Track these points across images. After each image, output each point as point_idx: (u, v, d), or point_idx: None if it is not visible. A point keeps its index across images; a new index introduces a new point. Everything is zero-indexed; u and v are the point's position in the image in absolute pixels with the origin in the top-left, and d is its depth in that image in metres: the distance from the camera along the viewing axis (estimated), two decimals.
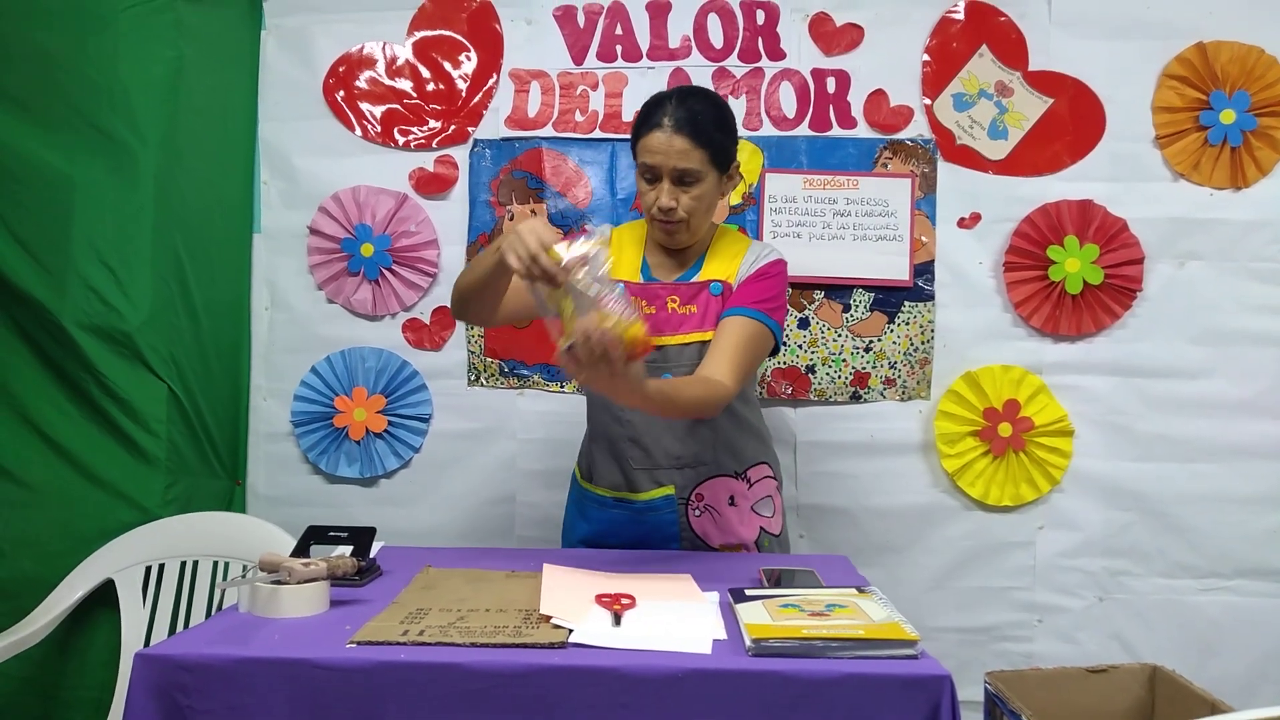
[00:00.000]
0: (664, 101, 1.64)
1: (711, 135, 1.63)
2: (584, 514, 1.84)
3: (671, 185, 1.63)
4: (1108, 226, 2.22)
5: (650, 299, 1.71)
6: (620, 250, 1.77)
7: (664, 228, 1.68)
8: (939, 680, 1.08)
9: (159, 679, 1.10)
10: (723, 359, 1.60)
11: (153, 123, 2.20)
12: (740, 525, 1.75)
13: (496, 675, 1.09)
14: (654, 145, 1.62)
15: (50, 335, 2.17)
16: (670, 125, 1.60)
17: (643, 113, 1.67)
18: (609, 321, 1.25)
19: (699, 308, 1.69)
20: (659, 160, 1.62)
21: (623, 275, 1.71)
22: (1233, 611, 2.25)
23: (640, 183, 1.68)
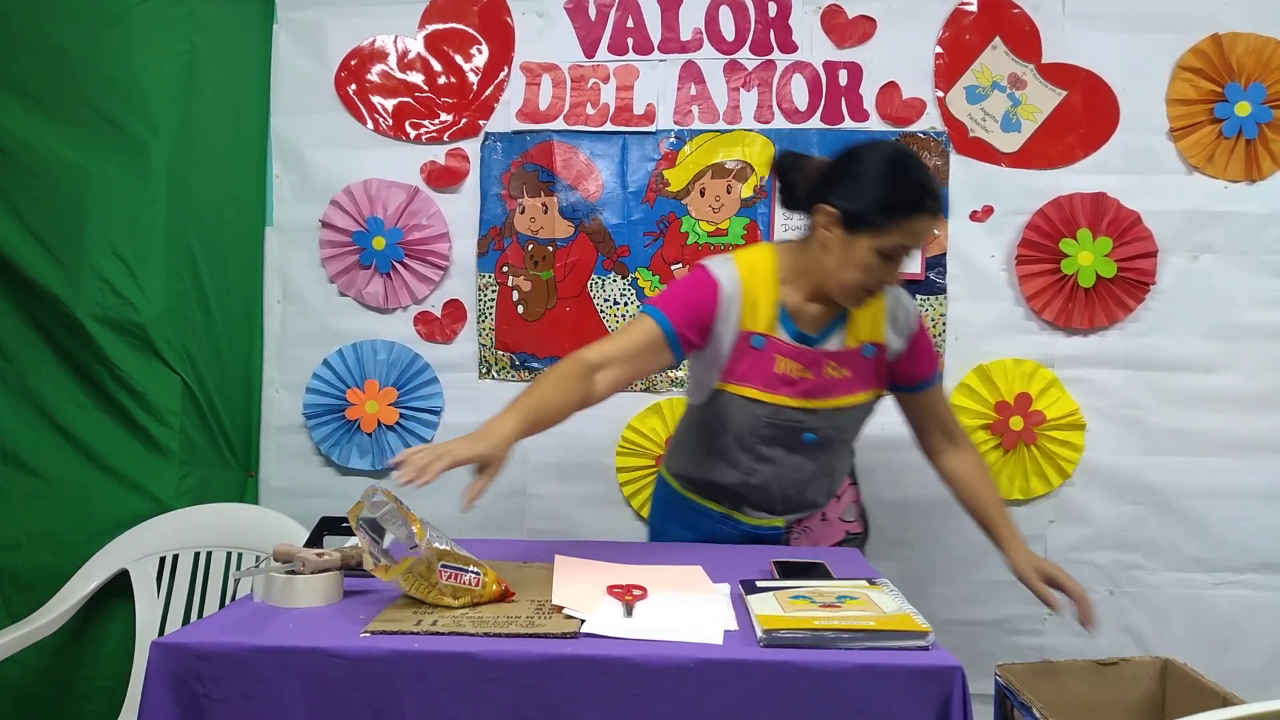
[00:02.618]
0: (926, 183, 1.53)
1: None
2: (684, 520, 1.79)
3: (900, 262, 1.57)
4: (1121, 219, 2.21)
5: (808, 364, 1.62)
6: (756, 292, 1.61)
7: (864, 296, 1.59)
8: (950, 671, 1.08)
9: (175, 668, 1.10)
10: (959, 426, 1.81)
11: (166, 117, 2.21)
12: (827, 537, 1.81)
13: (509, 665, 1.09)
14: (921, 229, 1.53)
15: (65, 328, 2.19)
16: (935, 209, 1.53)
17: (901, 190, 1.51)
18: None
19: (852, 371, 1.65)
20: (916, 243, 1.54)
21: (761, 328, 1.60)
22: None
23: (870, 256, 1.52)
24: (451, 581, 1.24)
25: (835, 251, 1.55)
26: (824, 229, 1.56)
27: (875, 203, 1.51)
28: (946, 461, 1.80)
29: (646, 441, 2.31)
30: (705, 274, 1.61)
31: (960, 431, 1.81)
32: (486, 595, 1.27)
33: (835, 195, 1.54)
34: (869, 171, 1.53)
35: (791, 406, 1.62)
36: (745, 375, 1.62)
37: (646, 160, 2.32)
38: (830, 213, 1.54)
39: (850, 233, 1.53)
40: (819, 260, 1.58)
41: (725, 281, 1.60)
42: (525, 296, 2.35)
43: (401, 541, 1.25)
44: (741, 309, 1.61)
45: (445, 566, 1.24)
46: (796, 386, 1.62)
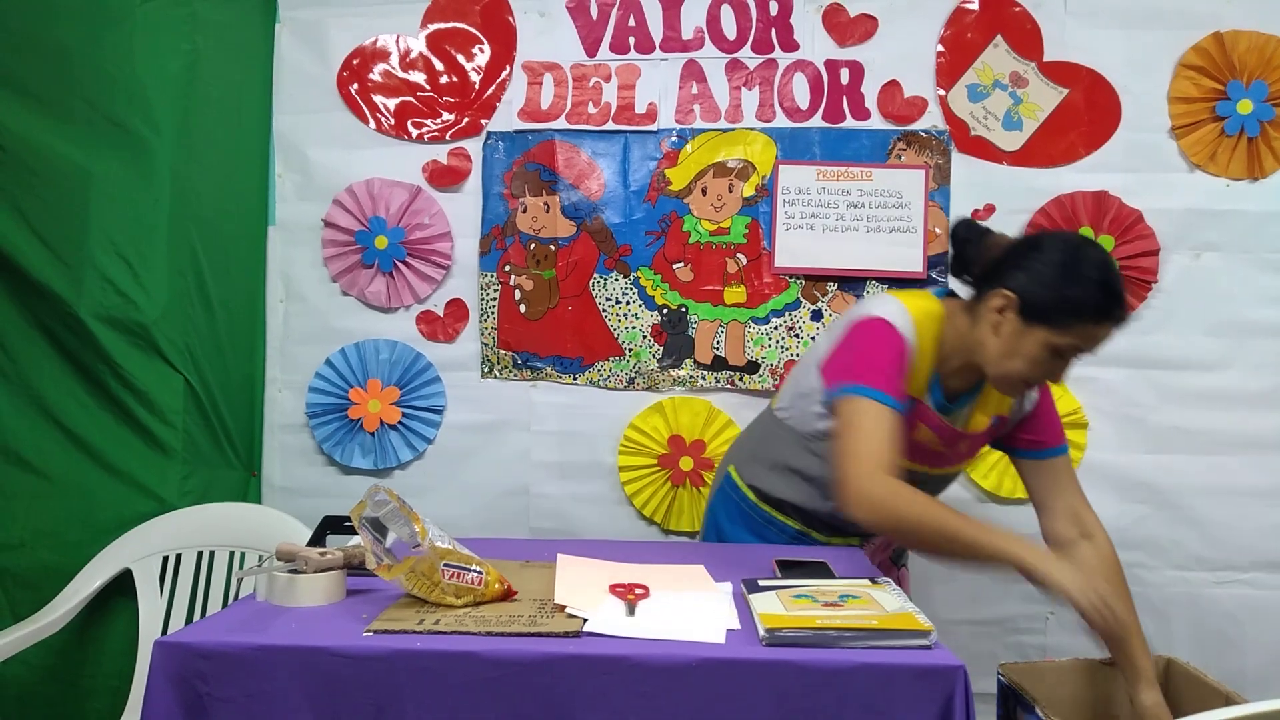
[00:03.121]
0: (1118, 290, 1.45)
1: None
2: (753, 529, 1.75)
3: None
4: (1123, 218, 2.21)
5: (946, 441, 1.60)
6: (923, 355, 1.54)
7: (1022, 388, 1.55)
8: (953, 670, 1.07)
9: (178, 667, 1.11)
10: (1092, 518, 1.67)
11: (168, 116, 2.22)
12: (883, 550, 1.81)
13: (511, 664, 1.09)
14: (1101, 336, 1.46)
15: (67, 327, 2.19)
16: (1120, 319, 1.47)
17: (1091, 291, 1.43)
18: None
19: (975, 444, 1.65)
20: (1091, 349, 1.48)
21: (914, 391, 1.54)
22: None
23: (1042, 350, 1.45)
24: (454, 581, 1.24)
25: (1004, 338, 1.48)
26: (997, 312, 1.48)
27: (1060, 298, 1.43)
28: (1074, 554, 1.64)
29: (649, 440, 2.31)
30: (894, 333, 1.50)
31: (1093, 520, 1.66)
32: (489, 594, 1.27)
33: (1017, 281, 1.46)
34: (1059, 264, 1.45)
35: (914, 470, 1.59)
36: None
37: (648, 159, 2.32)
38: (1008, 297, 1.46)
39: (1025, 323, 1.46)
40: (983, 341, 1.51)
41: (909, 341, 1.52)
42: (527, 295, 2.35)
43: (404, 540, 1.25)
44: (911, 373, 1.54)
45: (448, 566, 1.24)
46: (927, 455, 1.60)
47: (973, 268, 1.58)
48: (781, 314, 2.29)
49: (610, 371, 2.34)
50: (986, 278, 1.53)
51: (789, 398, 1.70)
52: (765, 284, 2.29)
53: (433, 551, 1.23)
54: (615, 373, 2.34)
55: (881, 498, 1.39)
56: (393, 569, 1.24)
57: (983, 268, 1.55)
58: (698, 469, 2.30)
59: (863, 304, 1.60)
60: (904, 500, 1.38)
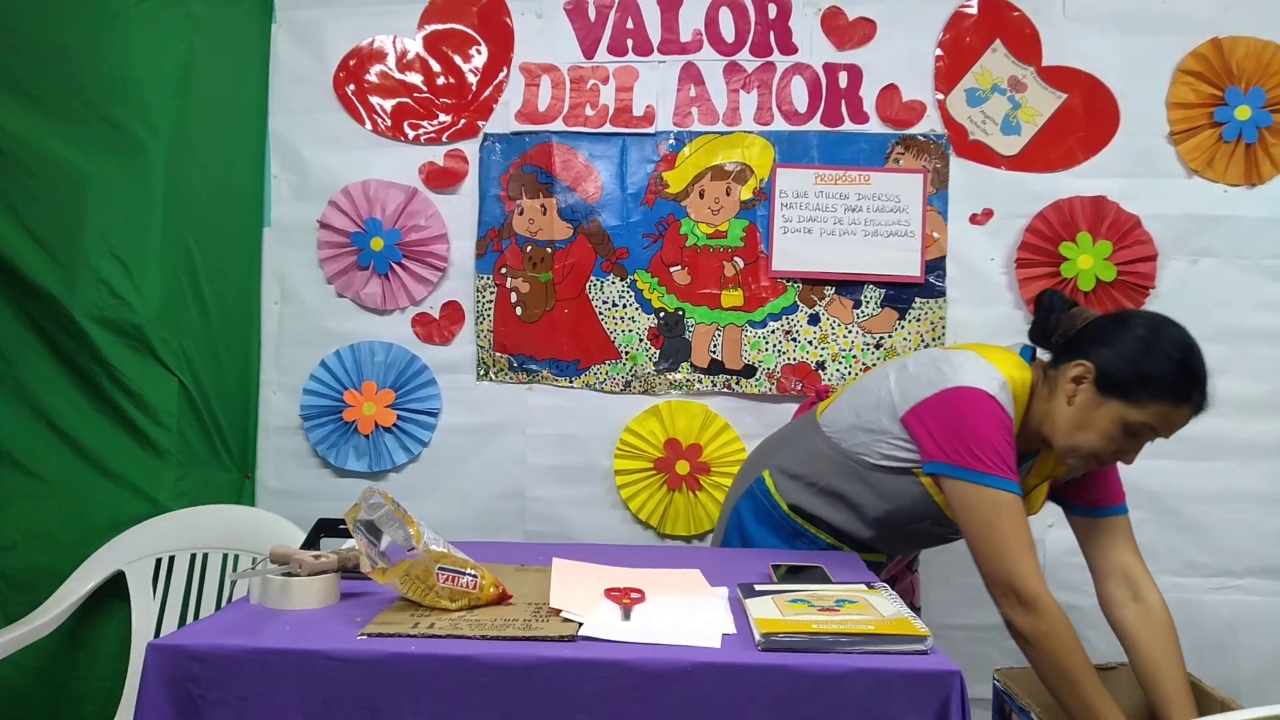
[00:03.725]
0: (1201, 376, 1.45)
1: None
2: (782, 536, 1.73)
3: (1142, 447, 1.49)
4: (1121, 223, 2.21)
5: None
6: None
7: (1091, 463, 1.53)
8: (949, 675, 1.07)
9: (171, 669, 1.10)
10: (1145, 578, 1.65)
11: (164, 116, 2.21)
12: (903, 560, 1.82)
13: (506, 668, 1.08)
14: (1177, 420, 1.45)
15: (61, 328, 2.18)
16: (1199, 404, 1.45)
17: (1179, 373, 1.43)
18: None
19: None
20: (1165, 433, 1.46)
21: None
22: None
23: (1114, 426, 1.45)
24: (449, 584, 1.23)
25: (1077, 409, 1.48)
26: (1073, 382, 1.48)
27: (1139, 372, 1.43)
28: (1125, 616, 1.62)
29: (645, 444, 2.31)
30: (1000, 411, 1.48)
31: (1148, 583, 1.63)
32: (484, 598, 1.26)
33: (1098, 353, 1.47)
34: (1142, 339, 1.45)
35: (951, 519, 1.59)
36: None
37: (645, 162, 2.31)
38: (1087, 368, 1.46)
39: (1101, 395, 1.45)
40: (1055, 412, 1.51)
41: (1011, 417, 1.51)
42: (524, 298, 2.35)
43: (399, 544, 1.24)
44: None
45: (442, 569, 1.23)
46: None
47: (1054, 336, 1.57)
48: (779, 318, 2.29)
49: (606, 374, 2.34)
50: (1068, 348, 1.53)
51: (846, 427, 1.66)
52: (762, 287, 2.29)
53: (427, 555, 1.22)
54: (612, 376, 2.33)
55: (1046, 630, 1.44)
56: (387, 572, 1.23)
57: (1064, 336, 1.55)
58: (694, 473, 2.30)
59: (955, 363, 1.55)
60: (1060, 640, 1.43)
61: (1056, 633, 1.43)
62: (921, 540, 1.77)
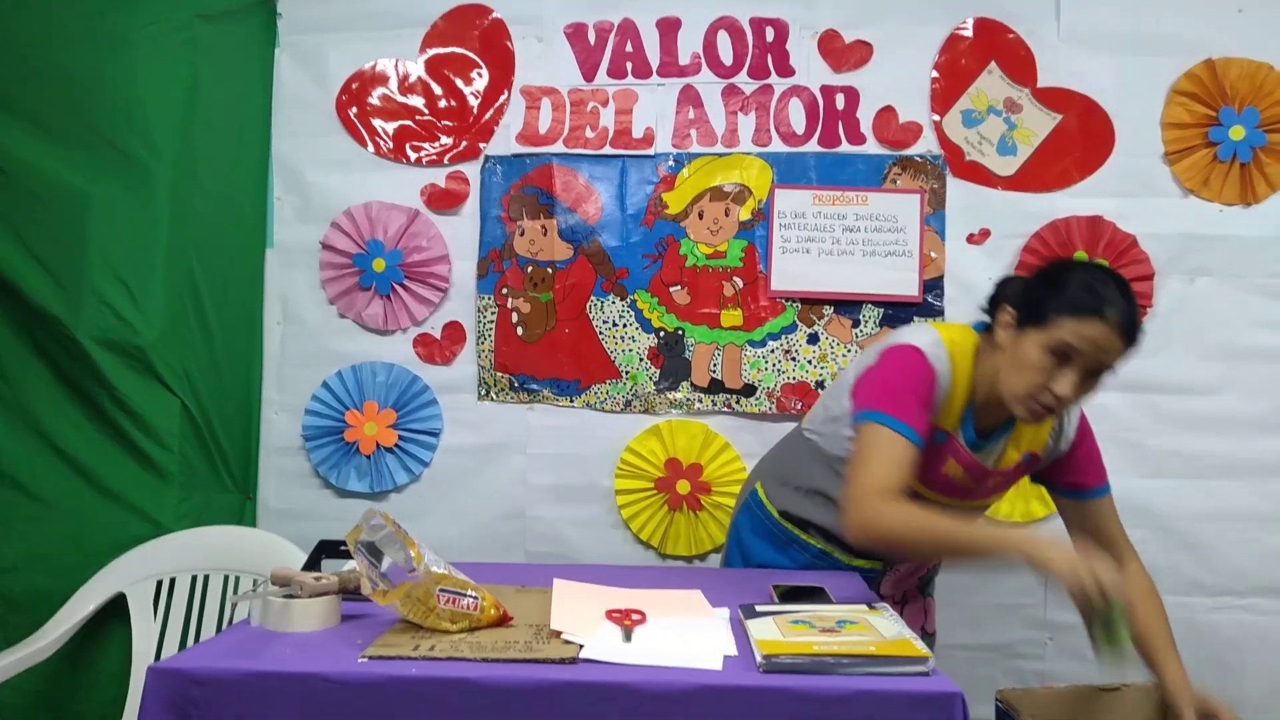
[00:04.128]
0: (1108, 287, 1.41)
1: (1137, 339, 1.44)
2: (777, 546, 1.75)
3: (1080, 376, 1.42)
4: (1117, 242, 2.22)
5: (975, 477, 1.59)
6: (957, 387, 1.54)
7: (1034, 410, 1.45)
8: (950, 697, 1.07)
9: (171, 692, 1.10)
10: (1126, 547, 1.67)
11: (168, 140, 2.23)
12: (911, 576, 1.79)
13: (507, 690, 1.08)
14: (1091, 335, 1.39)
15: (65, 349, 2.19)
16: (1116, 324, 1.39)
17: (1079, 289, 1.41)
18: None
19: (1005, 480, 1.65)
20: (1088, 350, 1.40)
21: (947, 424, 1.55)
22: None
23: (1036, 352, 1.42)
24: (449, 606, 1.23)
25: (1009, 354, 1.47)
26: (1002, 330, 1.50)
27: (1043, 295, 1.44)
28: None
29: (645, 464, 2.31)
30: (924, 362, 1.50)
31: (1128, 549, 1.67)
32: (484, 620, 1.26)
33: (1013, 295, 1.50)
34: (1049, 270, 1.49)
35: (939, 501, 1.59)
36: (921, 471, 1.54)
37: (645, 183, 2.33)
38: (1008, 310, 1.49)
39: (1020, 330, 1.46)
40: (996, 366, 1.51)
41: (941, 376, 1.52)
42: (524, 318, 2.35)
43: (399, 565, 1.24)
44: (940, 405, 1.54)
45: (443, 591, 1.23)
46: (954, 489, 1.60)
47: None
48: (778, 337, 2.30)
49: (607, 394, 2.34)
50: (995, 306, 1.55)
51: (819, 420, 1.70)
52: (762, 307, 2.30)
53: (428, 576, 1.22)
54: (612, 395, 2.34)
55: (871, 521, 1.39)
56: (388, 594, 1.23)
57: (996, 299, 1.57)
58: (695, 492, 2.30)
59: (899, 331, 1.60)
60: (893, 519, 1.38)
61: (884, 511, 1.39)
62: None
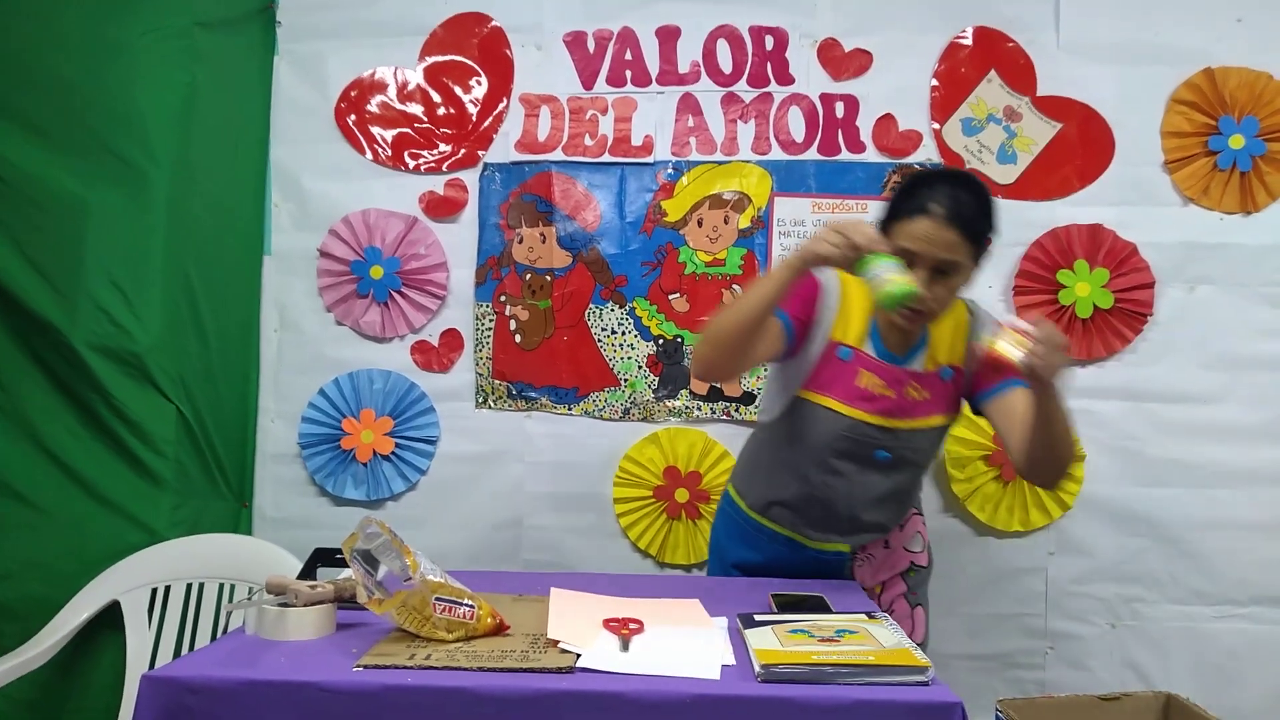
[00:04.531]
0: (933, 186, 1.49)
1: (980, 227, 1.51)
2: (748, 541, 1.78)
3: (927, 274, 1.48)
4: (1118, 251, 2.22)
5: (890, 382, 1.61)
6: (851, 304, 1.63)
7: (907, 315, 1.52)
8: (950, 707, 1.06)
9: (166, 701, 1.09)
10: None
11: (166, 147, 2.22)
12: (891, 566, 1.78)
13: (504, 700, 1.08)
14: (919, 232, 1.47)
15: (61, 356, 2.18)
16: (941, 215, 1.46)
17: (905, 192, 1.51)
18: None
19: (931, 394, 1.63)
20: (923, 248, 1.47)
21: (850, 340, 1.62)
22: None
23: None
24: (445, 615, 1.23)
25: None
26: None
27: (888, 207, 1.54)
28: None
29: (644, 472, 2.30)
30: (809, 275, 1.59)
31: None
32: (481, 629, 1.25)
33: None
34: (900, 185, 1.55)
35: (868, 423, 1.61)
36: (827, 385, 1.62)
37: (644, 191, 2.33)
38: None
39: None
40: None
41: (825, 281, 1.63)
42: (523, 326, 2.35)
43: (395, 574, 1.24)
44: (835, 316, 1.62)
45: (439, 600, 1.23)
46: (876, 403, 1.61)
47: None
48: None
49: (605, 402, 2.33)
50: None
51: (765, 396, 1.79)
52: None
53: (424, 585, 1.22)
54: (611, 403, 2.33)
55: (699, 343, 1.55)
56: (384, 603, 1.23)
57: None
58: (694, 501, 2.29)
59: None
60: (708, 325, 1.53)
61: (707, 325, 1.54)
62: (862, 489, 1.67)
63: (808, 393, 1.63)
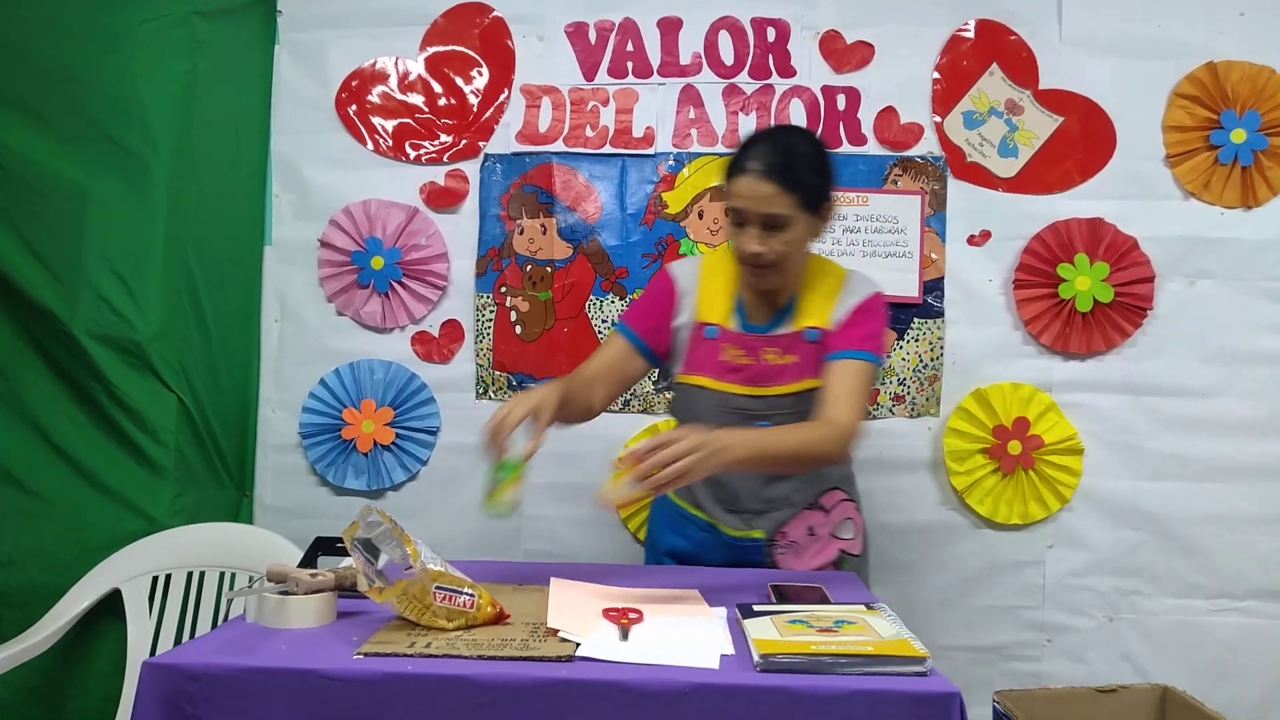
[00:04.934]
0: (754, 143, 1.58)
1: (801, 178, 1.55)
2: (676, 529, 1.80)
3: (760, 230, 1.56)
4: (1118, 245, 2.22)
5: (747, 350, 1.66)
6: (714, 284, 1.71)
7: (753, 272, 1.62)
8: (948, 697, 1.07)
9: (166, 688, 1.09)
10: (839, 400, 1.57)
11: (166, 136, 2.22)
12: (818, 555, 1.75)
13: (504, 688, 1.08)
14: (741, 190, 1.55)
15: (61, 345, 2.18)
16: (759, 169, 1.53)
17: (734, 153, 1.60)
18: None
19: (799, 356, 1.65)
20: (746, 205, 1.55)
21: (715, 318, 1.68)
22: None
23: (726, 220, 1.63)
24: (446, 603, 1.23)
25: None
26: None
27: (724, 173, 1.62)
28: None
29: None
30: (663, 273, 1.75)
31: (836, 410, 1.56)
32: (481, 617, 1.26)
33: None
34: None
35: (737, 393, 1.66)
36: (698, 364, 1.69)
37: (645, 182, 2.33)
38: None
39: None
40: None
41: (680, 277, 1.73)
42: (523, 317, 2.35)
43: (396, 563, 1.24)
44: (697, 301, 1.70)
45: (440, 588, 1.23)
46: (741, 373, 1.66)
47: None
48: None
49: None
50: None
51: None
52: None
53: (425, 574, 1.22)
54: None
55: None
56: (384, 591, 1.23)
57: None
58: None
59: None
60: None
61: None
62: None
63: (684, 375, 1.72)
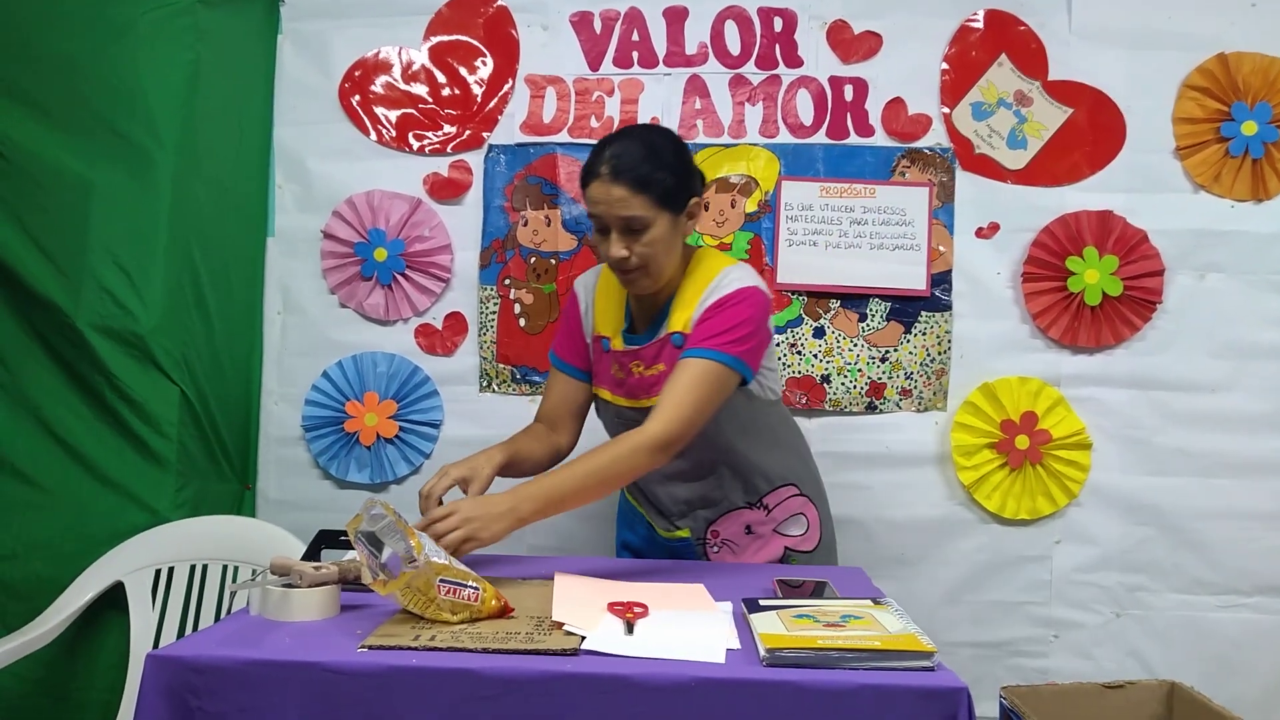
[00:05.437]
0: (604, 147, 1.56)
1: (652, 177, 1.52)
2: (628, 524, 1.85)
3: (620, 235, 1.54)
4: (1127, 238, 2.20)
5: (619, 365, 1.67)
6: (608, 296, 1.72)
7: (622, 278, 1.61)
8: (956, 692, 1.06)
9: (170, 680, 1.09)
10: (661, 406, 1.51)
11: (169, 126, 2.21)
12: (759, 552, 1.72)
13: (508, 681, 1.07)
14: (595, 195, 1.54)
15: (64, 337, 2.18)
16: (606, 174, 1.52)
17: (587, 159, 1.59)
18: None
19: (667, 364, 1.59)
20: (601, 210, 1.54)
21: (607, 331, 1.70)
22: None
23: (594, 231, 1.61)
24: (450, 597, 1.22)
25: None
26: None
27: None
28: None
29: None
30: (570, 290, 1.78)
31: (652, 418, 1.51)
32: (485, 611, 1.25)
33: None
34: None
35: (624, 406, 1.67)
36: (599, 378, 1.73)
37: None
38: None
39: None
40: None
41: (582, 292, 1.76)
42: (527, 309, 2.34)
43: (400, 556, 1.23)
44: (595, 314, 1.73)
45: (444, 581, 1.22)
46: (622, 387, 1.67)
47: None
48: (784, 330, 2.28)
49: None
50: None
51: None
52: None
53: (429, 567, 1.21)
54: None
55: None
56: (388, 584, 1.22)
57: None
58: None
59: None
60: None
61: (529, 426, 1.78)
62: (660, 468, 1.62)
63: (594, 388, 1.75)
